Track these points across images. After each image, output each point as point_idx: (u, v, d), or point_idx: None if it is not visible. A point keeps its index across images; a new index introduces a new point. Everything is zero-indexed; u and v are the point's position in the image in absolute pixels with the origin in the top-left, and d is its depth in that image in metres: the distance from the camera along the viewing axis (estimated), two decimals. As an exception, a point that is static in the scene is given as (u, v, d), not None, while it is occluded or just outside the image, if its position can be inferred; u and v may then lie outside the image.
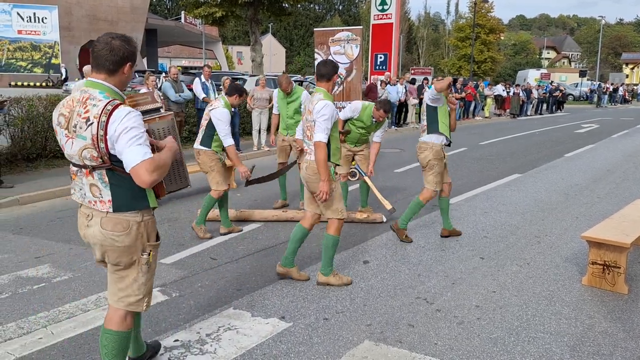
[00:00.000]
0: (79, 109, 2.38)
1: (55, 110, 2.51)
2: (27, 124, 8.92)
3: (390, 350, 3.32)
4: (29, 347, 3.35)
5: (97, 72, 2.43)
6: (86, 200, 2.50)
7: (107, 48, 2.40)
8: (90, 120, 2.34)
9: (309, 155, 4.10)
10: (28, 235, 5.72)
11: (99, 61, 2.41)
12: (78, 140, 2.39)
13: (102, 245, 2.52)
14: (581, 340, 3.48)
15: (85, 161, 2.41)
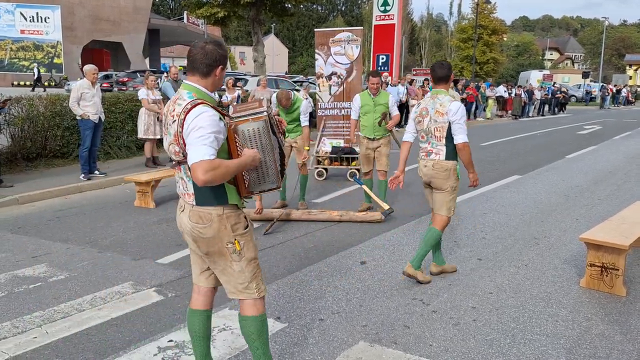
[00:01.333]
0: (171, 107, 2.55)
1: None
2: (27, 124, 8.95)
3: (385, 351, 3.30)
4: (23, 346, 3.35)
5: (191, 74, 2.57)
6: (180, 192, 2.67)
7: (201, 52, 2.53)
8: (174, 118, 2.49)
9: (435, 155, 4.33)
10: (26, 235, 5.72)
11: (194, 64, 2.55)
12: (167, 136, 2.57)
13: (191, 235, 2.63)
14: (577, 343, 3.45)
15: (171, 156, 2.59)
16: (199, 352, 2.84)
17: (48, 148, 9.26)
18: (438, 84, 4.34)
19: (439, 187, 4.37)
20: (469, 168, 4.40)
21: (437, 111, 4.25)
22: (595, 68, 67.06)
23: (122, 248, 5.30)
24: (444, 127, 4.23)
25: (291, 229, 5.95)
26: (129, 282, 4.39)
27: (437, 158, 4.32)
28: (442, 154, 4.29)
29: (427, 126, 4.34)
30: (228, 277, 2.67)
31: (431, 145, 4.35)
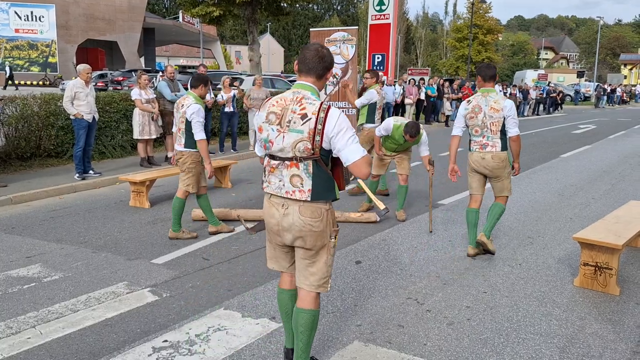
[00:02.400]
0: (293, 106, 2.67)
1: (263, 109, 2.77)
2: (22, 123, 8.91)
3: (380, 350, 3.31)
4: (16, 346, 3.34)
5: (306, 75, 2.75)
6: (283, 191, 2.73)
7: (318, 56, 2.72)
8: (308, 116, 2.62)
9: (492, 147, 4.87)
10: (20, 235, 5.70)
11: (310, 66, 2.73)
12: (291, 134, 2.65)
13: (300, 231, 2.73)
14: (571, 342, 3.47)
15: (297, 153, 2.66)
16: (287, 329, 3.06)
17: (42, 148, 9.22)
18: (487, 83, 4.87)
19: (498, 175, 4.96)
20: (517, 158, 4.96)
21: (492, 107, 4.78)
22: (590, 67, 67.27)
23: (116, 248, 5.29)
24: (499, 122, 4.77)
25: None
26: (124, 283, 4.38)
27: (494, 150, 4.86)
28: (498, 146, 4.84)
29: (481, 121, 4.86)
30: (317, 270, 2.81)
31: (486, 138, 4.87)
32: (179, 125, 5.45)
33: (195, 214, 6.27)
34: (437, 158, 11.39)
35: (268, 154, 2.78)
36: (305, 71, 2.74)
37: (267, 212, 2.83)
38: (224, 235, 5.72)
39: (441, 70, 49.09)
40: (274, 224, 2.79)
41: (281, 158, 2.71)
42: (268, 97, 2.91)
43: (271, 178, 2.77)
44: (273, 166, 2.75)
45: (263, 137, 2.76)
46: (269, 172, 2.78)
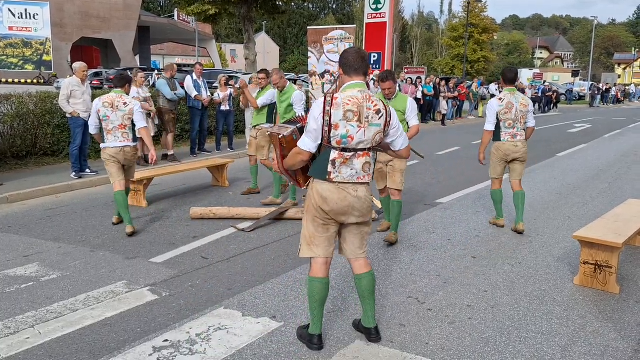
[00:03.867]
0: (366, 104, 3.06)
1: (337, 108, 3.01)
2: (17, 121, 8.84)
3: (382, 349, 3.29)
4: (15, 347, 3.31)
5: (357, 75, 3.13)
6: (355, 178, 3.12)
7: (361, 57, 3.14)
8: (381, 112, 3.09)
9: (520, 137, 5.77)
10: (17, 234, 5.66)
11: (357, 67, 3.12)
12: (371, 128, 3.07)
13: (365, 208, 3.19)
14: (572, 340, 3.47)
15: (373, 144, 3.11)
16: (318, 316, 3.27)
17: (38, 146, 9.17)
18: (510, 84, 5.78)
19: (524, 160, 5.90)
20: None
21: (522, 104, 5.70)
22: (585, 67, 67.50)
23: (114, 247, 5.25)
24: (525, 116, 5.74)
25: (284, 228, 5.93)
26: (123, 282, 4.35)
27: (522, 139, 5.80)
28: (523, 135, 5.80)
29: (514, 115, 5.68)
30: (362, 239, 3.33)
31: (517, 129, 5.74)
32: (124, 122, 5.72)
33: (193, 212, 6.25)
34: (435, 157, 11.42)
35: (342, 148, 3.05)
36: (353, 72, 3.12)
37: (337, 197, 3.11)
38: (223, 234, 5.69)
39: (437, 69, 49.13)
40: (344, 206, 3.12)
41: (355, 150, 3.06)
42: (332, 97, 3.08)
43: (342, 169, 3.08)
44: (346, 158, 3.07)
45: (341, 134, 3.02)
46: (340, 164, 3.07)
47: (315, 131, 3.05)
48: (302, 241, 3.30)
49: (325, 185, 3.11)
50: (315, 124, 3.04)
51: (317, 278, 3.23)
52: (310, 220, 3.22)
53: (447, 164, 10.56)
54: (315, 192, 3.15)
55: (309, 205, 3.21)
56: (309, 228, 3.24)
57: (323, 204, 3.12)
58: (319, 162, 3.12)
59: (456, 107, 21.25)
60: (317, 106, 3.06)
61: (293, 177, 3.44)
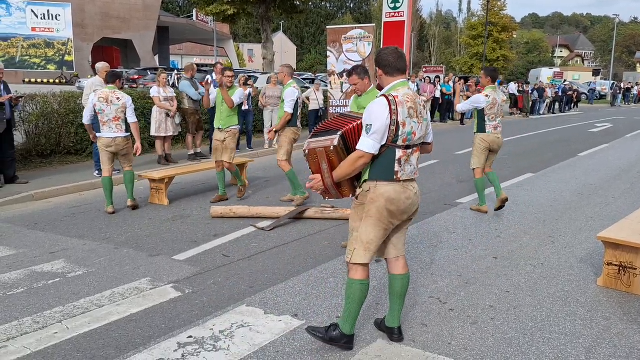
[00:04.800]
0: (417, 100, 3.16)
1: (402, 106, 3.05)
2: (42, 121, 9.01)
3: (404, 349, 3.30)
4: (44, 341, 3.38)
5: (400, 74, 3.19)
6: (413, 174, 3.17)
7: (400, 55, 3.18)
8: (425, 107, 3.23)
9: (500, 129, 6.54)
10: (42, 231, 5.77)
11: (400, 65, 3.18)
12: (424, 122, 3.19)
13: (417, 204, 3.24)
14: (597, 342, 3.44)
15: (420, 140, 3.18)
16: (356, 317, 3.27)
17: (62, 145, 9.33)
18: (493, 82, 6.51)
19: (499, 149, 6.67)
20: None
21: (502, 99, 6.53)
22: (606, 65, 66.43)
23: (137, 244, 5.34)
24: (502, 110, 6.50)
25: (304, 227, 5.96)
26: (147, 279, 4.42)
27: (501, 130, 6.54)
28: (501, 127, 6.56)
29: (497, 110, 6.43)
30: (404, 235, 3.37)
31: (498, 122, 6.46)
32: (118, 114, 6.34)
33: (214, 211, 6.31)
34: (454, 157, 11.35)
35: (405, 145, 3.08)
36: (396, 71, 3.17)
37: (403, 196, 3.12)
38: (243, 232, 5.74)
39: (455, 68, 48.77)
40: (408, 205, 3.16)
41: (414, 146, 3.14)
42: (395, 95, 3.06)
43: (406, 166, 3.11)
44: (408, 155, 3.11)
45: (407, 131, 3.05)
46: (405, 162, 3.10)
47: (381, 132, 3.00)
48: (356, 245, 3.16)
49: (391, 186, 3.08)
50: (382, 124, 2.99)
51: (363, 280, 3.19)
52: (373, 225, 3.12)
53: (466, 163, 10.47)
54: (379, 195, 3.08)
55: (370, 210, 3.11)
56: (370, 234, 3.13)
57: (391, 205, 3.09)
58: (382, 163, 3.07)
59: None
60: (380, 106, 3.01)
61: (337, 189, 3.27)
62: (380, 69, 3.18)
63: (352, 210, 3.24)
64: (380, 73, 3.20)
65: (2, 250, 5.14)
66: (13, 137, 7.81)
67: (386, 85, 3.20)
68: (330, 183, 3.20)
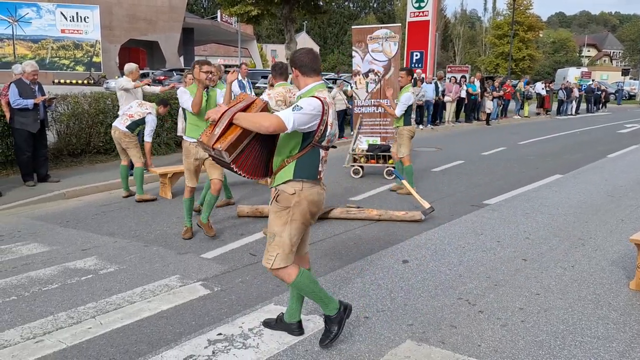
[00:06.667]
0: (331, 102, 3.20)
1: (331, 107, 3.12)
2: (73, 121, 9.20)
3: (433, 350, 3.29)
4: (79, 336, 3.47)
5: (316, 75, 3.16)
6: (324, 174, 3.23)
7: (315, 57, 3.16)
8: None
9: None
10: (74, 228, 5.90)
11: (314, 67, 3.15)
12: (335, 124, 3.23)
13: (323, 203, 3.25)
14: (630, 346, 3.38)
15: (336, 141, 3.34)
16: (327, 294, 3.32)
17: (92, 144, 9.52)
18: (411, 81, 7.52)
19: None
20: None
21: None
22: (635, 65, 64.92)
23: (166, 242, 5.42)
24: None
25: (330, 227, 5.98)
26: (176, 276, 4.49)
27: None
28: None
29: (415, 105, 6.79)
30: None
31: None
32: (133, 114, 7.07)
33: (240, 210, 6.37)
34: (480, 157, 11.23)
35: (327, 146, 3.15)
36: (312, 72, 3.15)
37: (322, 197, 3.20)
38: (270, 231, 5.77)
39: (480, 68, 48.24)
40: (321, 204, 3.20)
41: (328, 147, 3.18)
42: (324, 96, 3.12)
43: (324, 166, 3.19)
44: (325, 155, 3.17)
45: (332, 132, 3.15)
46: (324, 162, 3.17)
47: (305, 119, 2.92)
48: (279, 251, 3.10)
49: (315, 189, 3.12)
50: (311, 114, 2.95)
51: (300, 273, 3.20)
52: (297, 228, 3.11)
53: (493, 164, 10.38)
54: (304, 199, 3.06)
55: (295, 214, 3.07)
56: (294, 237, 3.12)
57: (313, 207, 3.14)
58: (307, 163, 3.05)
59: (501, 107, 20.83)
60: (314, 103, 2.97)
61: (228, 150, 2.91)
62: (297, 69, 3.14)
63: (274, 215, 3.13)
64: (297, 74, 3.15)
65: (36, 247, 5.27)
66: (46, 137, 8.00)
67: (303, 86, 3.14)
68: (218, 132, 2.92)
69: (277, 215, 3.12)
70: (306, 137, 3.03)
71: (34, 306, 3.91)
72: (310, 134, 3.02)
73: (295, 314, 3.46)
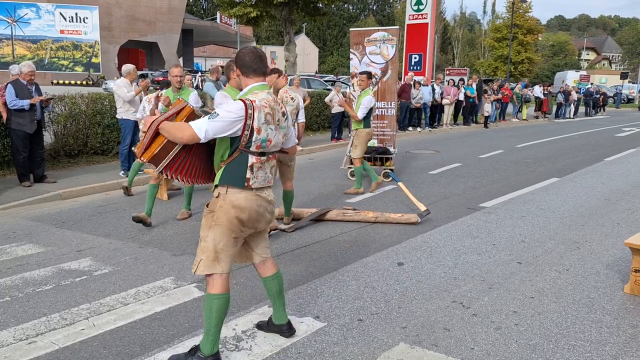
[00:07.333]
0: (275, 106, 3.05)
1: (258, 111, 2.94)
2: (70, 121, 9.20)
3: (426, 353, 3.29)
4: (71, 337, 3.46)
5: (257, 76, 3.04)
6: (266, 182, 3.08)
7: (258, 57, 3.03)
8: (285, 114, 3.15)
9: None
10: (70, 229, 5.90)
11: (255, 67, 3.02)
12: (281, 130, 3.10)
13: (272, 212, 3.17)
14: (624, 350, 3.38)
15: (276, 148, 3.10)
16: (218, 333, 3.09)
17: (89, 145, 9.51)
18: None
19: None
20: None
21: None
22: (634, 68, 65.06)
23: (162, 244, 5.41)
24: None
25: (326, 229, 5.98)
26: (171, 278, 4.48)
27: None
28: None
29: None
30: (266, 239, 3.31)
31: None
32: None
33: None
34: (477, 160, 11.24)
35: (260, 152, 2.98)
36: (252, 72, 3.03)
37: (254, 204, 3.02)
38: (266, 233, 5.77)
39: (479, 70, 48.30)
40: (261, 212, 3.07)
41: (269, 153, 3.05)
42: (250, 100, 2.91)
43: (259, 173, 3.01)
44: (262, 162, 3.02)
45: (262, 138, 2.96)
46: (258, 169, 3.00)
47: (220, 126, 2.83)
48: (202, 256, 2.99)
49: (242, 194, 2.95)
50: (227, 121, 2.83)
51: (222, 294, 3.00)
52: (221, 233, 2.96)
53: (491, 167, 10.39)
54: (229, 203, 2.94)
55: (220, 218, 2.95)
56: (219, 243, 2.97)
57: (241, 214, 2.95)
58: (233, 169, 2.94)
59: (499, 110, 20.85)
60: (235, 107, 2.86)
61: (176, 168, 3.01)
62: (238, 68, 3.04)
63: (203, 219, 3.06)
64: (238, 73, 3.05)
65: (31, 247, 5.27)
66: (43, 138, 7.99)
67: (244, 87, 3.07)
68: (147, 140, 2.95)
69: (204, 219, 3.04)
70: (233, 142, 2.92)
71: (27, 307, 3.91)
72: (235, 139, 2.90)
73: (282, 315, 3.42)
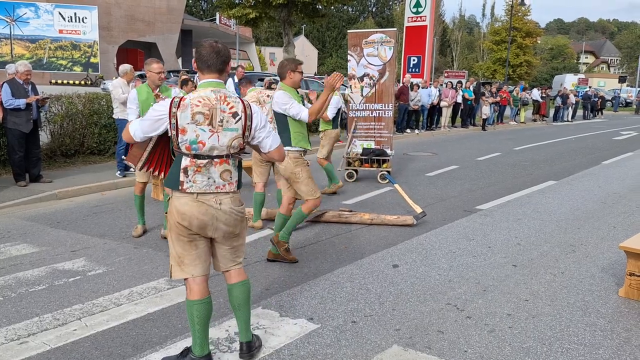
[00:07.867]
0: (220, 106, 2.78)
1: (184, 110, 2.74)
2: (66, 121, 9.18)
3: (419, 355, 3.28)
4: (63, 338, 3.44)
5: (209, 72, 2.84)
6: (213, 187, 2.83)
7: (214, 51, 2.82)
8: (238, 114, 2.81)
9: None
10: (65, 229, 5.88)
11: (210, 63, 2.82)
12: (226, 132, 2.79)
13: (233, 220, 2.91)
14: (617, 354, 3.37)
15: (231, 150, 2.83)
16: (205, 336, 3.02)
17: (85, 145, 9.49)
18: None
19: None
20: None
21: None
22: (632, 72, 65.15)
23: (156, 244, 5.40)
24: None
25: (322, 230, 5.97)
26: (165, 278, 4.47)
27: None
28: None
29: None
30: (235, 252, 3.05)
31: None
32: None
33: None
34: (475, 162, 11.25)
35: (194, 154, 2.78)
36: (206, 68, 2.84)
37: (196, 211, 2.80)
38: (260, 235, 5.77)
39: (477, 73, 48.35)
40: (207, 220, 2.83)
41: (210, 157, 2.80)
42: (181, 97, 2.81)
43: (197, 177, 2.80)
44: (200, 165, 2.79)
45: (189, 139, 2.74)
46: (194, 172, 2.79)
47: (145, 126, 2.83)
48: (171, 262, 2.96)
49: (183, 199, 2.82)
50: (150, 120, 2.81)
51: (198, 300, 2.93)
52: (174, 238, 2.89)
53: (487, 170, 10.39)
54: (172, 207, 2.85)
55: (170, 223, 2.90)
56: (176, 247, 2.90)
57: (182, 220, 2.82)
58: (172, 170, 2.85)
59: (497, 112, 20.87)
60: (162, 105, 2.81)
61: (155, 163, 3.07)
62: (195, 62, 2.91)
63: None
64: (195, 67, 2.93)
65: (25, 247, 5.25)
66: (39, 137, 7.97)
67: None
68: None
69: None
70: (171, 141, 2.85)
71: (20, 307, 3.89)
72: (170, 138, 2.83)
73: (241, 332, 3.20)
